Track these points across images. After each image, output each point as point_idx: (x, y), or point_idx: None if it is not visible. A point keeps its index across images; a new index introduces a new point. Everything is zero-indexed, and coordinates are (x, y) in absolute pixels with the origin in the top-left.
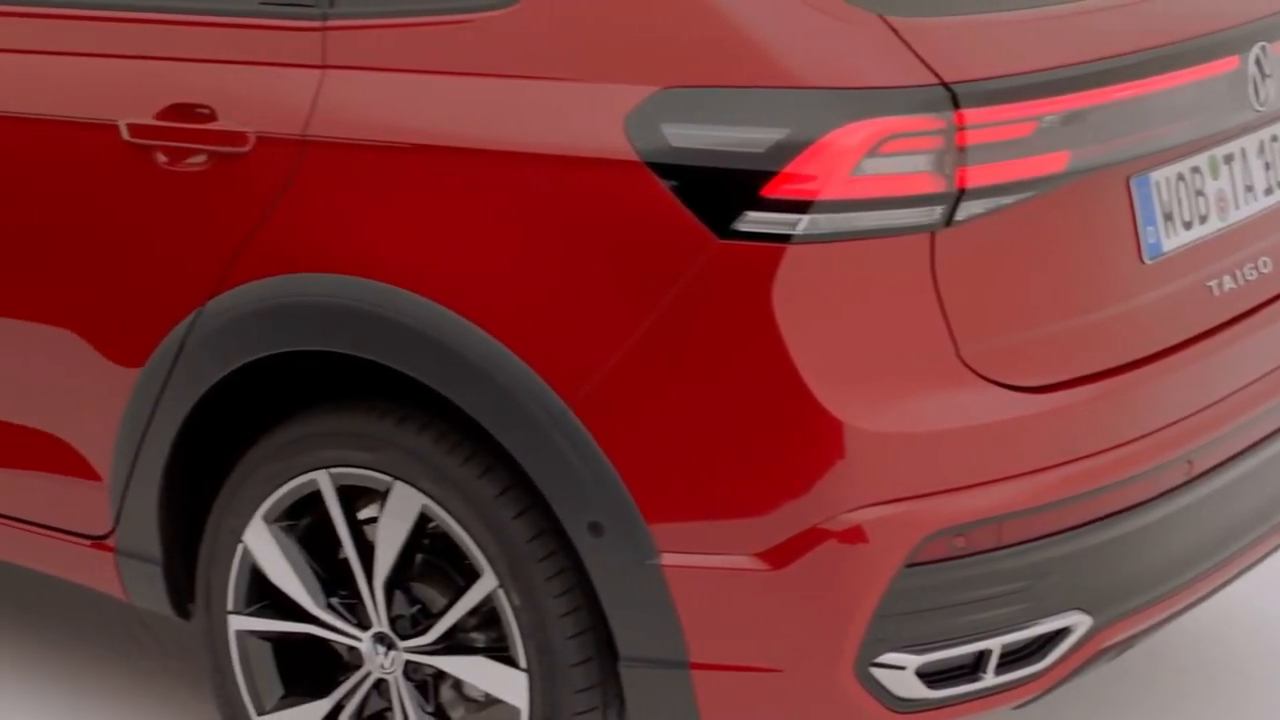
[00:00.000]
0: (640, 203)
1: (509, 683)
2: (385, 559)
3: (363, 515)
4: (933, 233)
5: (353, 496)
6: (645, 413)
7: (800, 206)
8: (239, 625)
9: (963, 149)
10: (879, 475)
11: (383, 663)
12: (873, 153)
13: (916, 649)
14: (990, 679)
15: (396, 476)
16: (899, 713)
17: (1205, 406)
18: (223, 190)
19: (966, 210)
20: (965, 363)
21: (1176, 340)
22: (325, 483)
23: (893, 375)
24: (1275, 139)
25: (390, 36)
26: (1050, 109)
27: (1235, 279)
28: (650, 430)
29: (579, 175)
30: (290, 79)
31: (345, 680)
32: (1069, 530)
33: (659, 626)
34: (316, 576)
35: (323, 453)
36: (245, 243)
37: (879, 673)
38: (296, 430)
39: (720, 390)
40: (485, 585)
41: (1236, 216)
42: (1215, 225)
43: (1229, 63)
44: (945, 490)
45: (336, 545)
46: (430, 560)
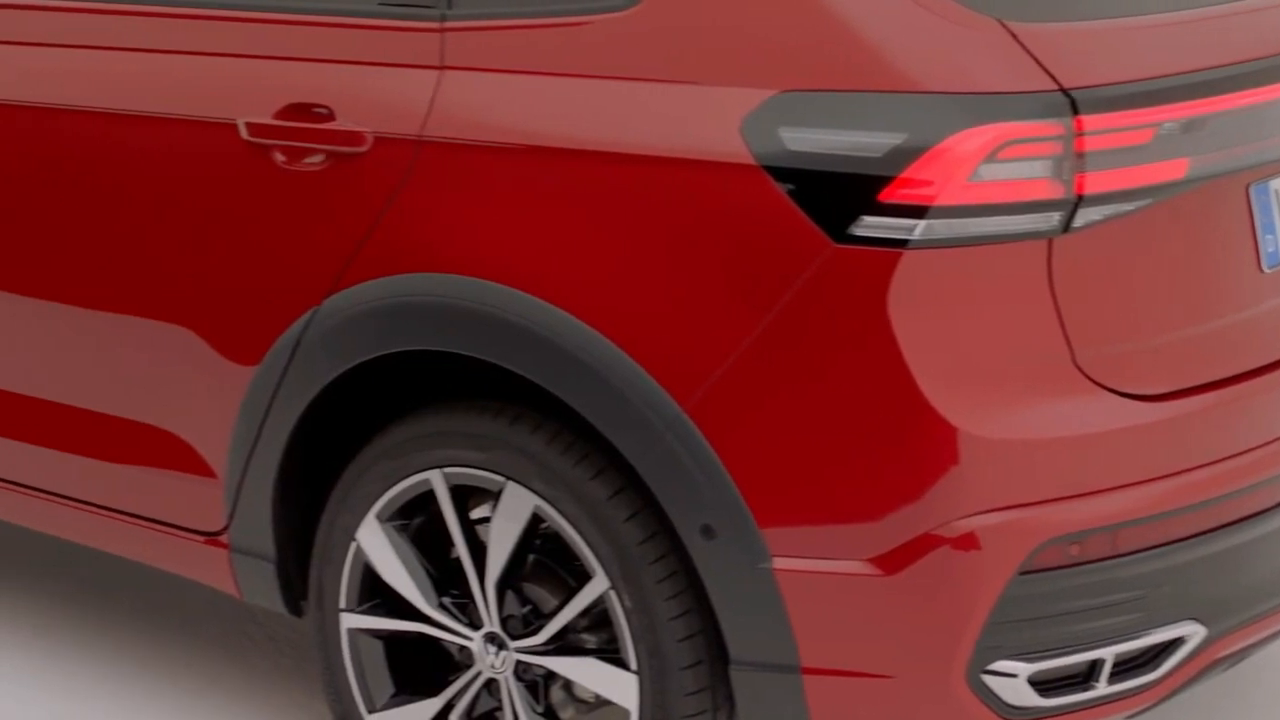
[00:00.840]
0: (756, 206)
1: (619, 684)
2: (497, 559)
3: (475, 515)
4: (1050, 239)
5: (465, 496)
6: (758, 416)
7: (917, 212)
8: (351, 623)
9: (1081, 155)
10: (993, 482)
11: (493, 662)
12: (991, 158)
13: (1029, 657)
14: (1103, 688)
15: (509, 477)
16: None
17: None
18: (340, 190)
19: (1084, 217)
20: (1081, 370)
21: None
22: (438, 482)
23: (1009, 382)
24: None
25: (508, 38)
26: (1170, 116)
27: None
28: (763, 434)
29: (695, 178)
30: (408, 79)
31: (456, 679)
32: (1185, 539)
33: (770, 630)
34: (428, 576)
35: (436, 452)
36: (361, 242)
37: (991, 680)
38: (411, 429)
39: (834, 395)
40: (597, 587)
41: None
42: None
43: None
44: (1060, 498)
45: (448, 545)
46: (542, 561)
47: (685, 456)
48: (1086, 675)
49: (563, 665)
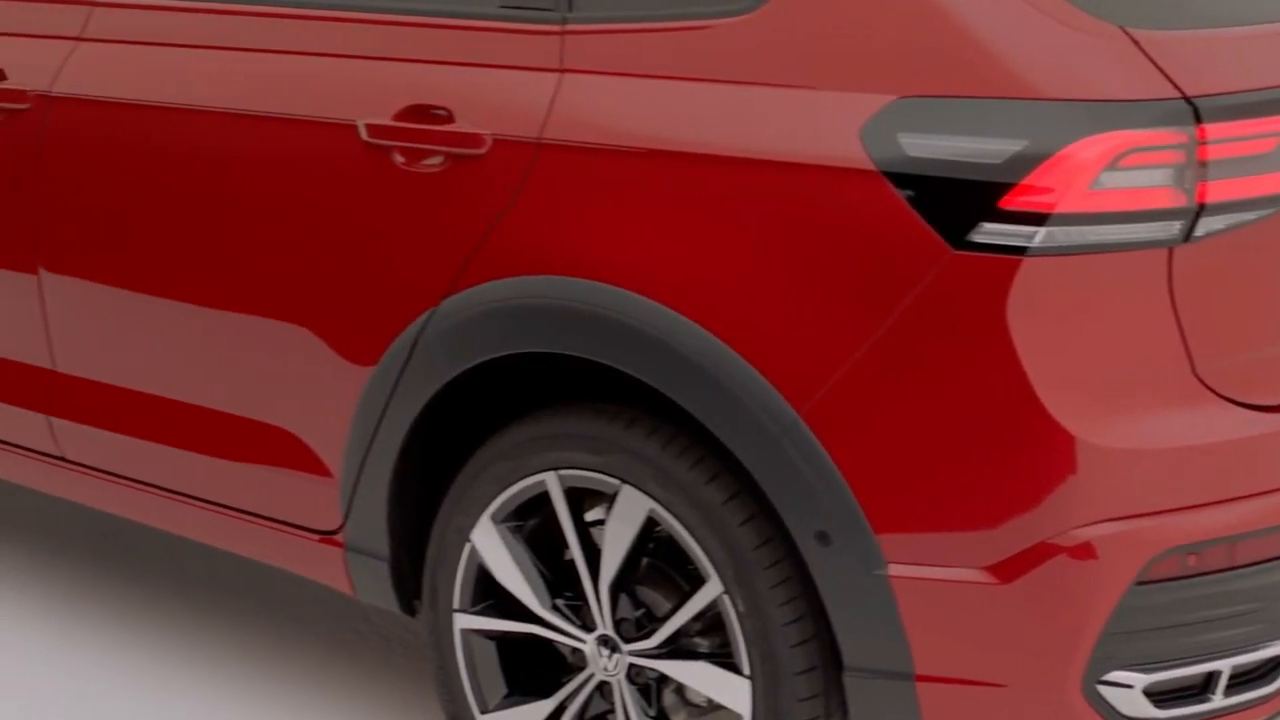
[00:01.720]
0: (875, 212)
1: (732, 689)
2: (611, 562)
3: (589, 517)
4: (1171, 248)
5: (580, 498)
6: (875, 422)
7: (1037, 219)
8: (464, 623)
9: (1204, 164)
10: (1111, 491)
11: (606, 665)
12: (1112, 166)
13: (1145, 667)
14: (1219, 700)
15: (624, 480)
16: None
17: None
18: (458, 191)
19: (1206, 226)
20: (1201, 380)
21: None
22: (553, 484)
23: (1127, 391)
24: None
25: (628, 41)
26: None
27: None
28: (880, 440)
29: (813, 183)
30: (528, 82)
31: (568, 681)
32: None
33: (885, 637)
34: (542, 577)
35: (552, 454)
36: (479, 244)
37: (1106, 690)
38: (527, 431)
39: (952, 402)
40: (710, 591)
41: None
42: None
43: None
44: (1178, 508)
45: (562, 547)
46: (655, 564)
47: (801, 462)
48: (1203, 687)
49: (675, 669)
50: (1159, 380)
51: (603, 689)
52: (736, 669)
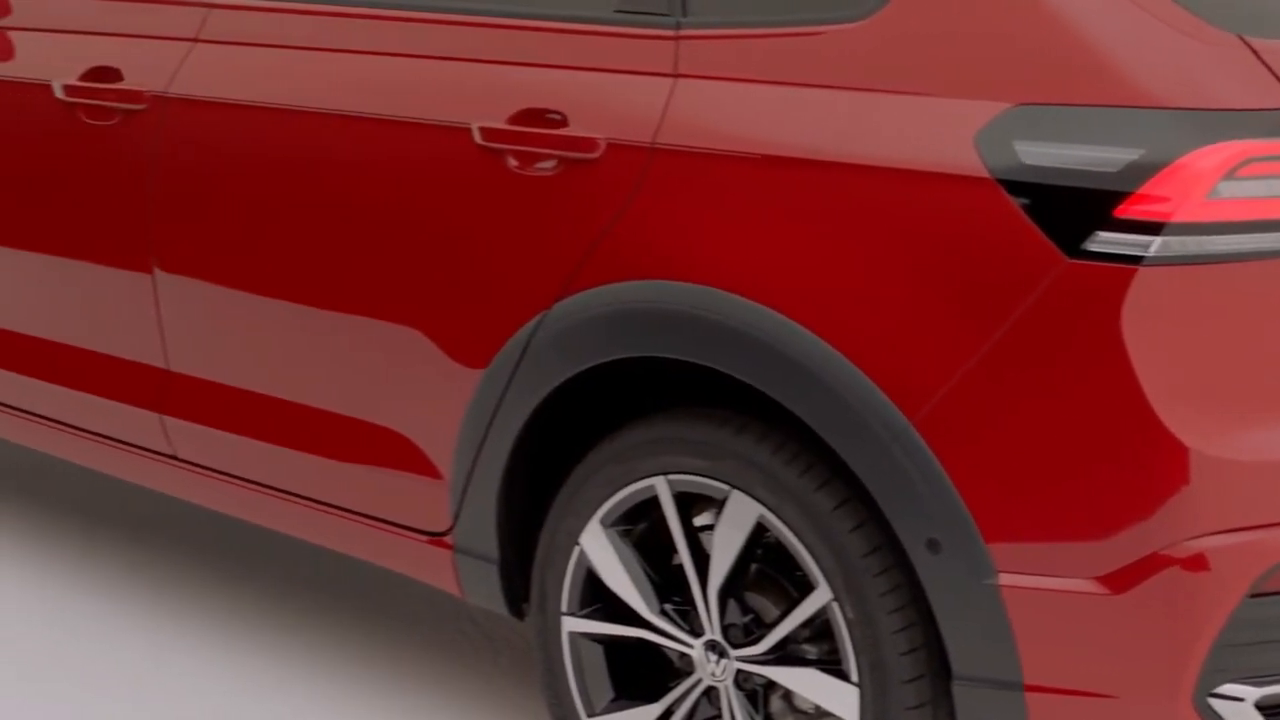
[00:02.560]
0: (989, 219)
1: (840, 696)
2: (720, 567)
3: (698, 522)
4: None
5: (689, 503)
6: (987, 431)
7: (1153, 228)
8: (572, 627)
9: None
10: (1224, 503)
11: (714, 670)
12: (1230, 176)
13: (1257, 680)
14: None
15: (734, 485)
16: None
17: None
18: (571, 195)
19: None
20: None
21: None
22: (663, 489)
23: (1242, 402)
24: None
25: (742, 47)
26: None
27: None
28: (991, 448)
29: (927, 190)
30: (641, 87)
31: (676, 686)
32: None
33: (994, 646)
34: (650, 582)
35: (662, 459)
36: (592, 248)
37: (1217, 703)
38: (637, 435)
39: (1064, 411)
40: (819, 598)
41: None
42: None
43: None
44: None
45: (671, 551)
46: (764, 570)
47: (912, 469)
48: None
49: (783, 675)
50: (1273, 391)
51: (710, 694)
52: (844, 676)
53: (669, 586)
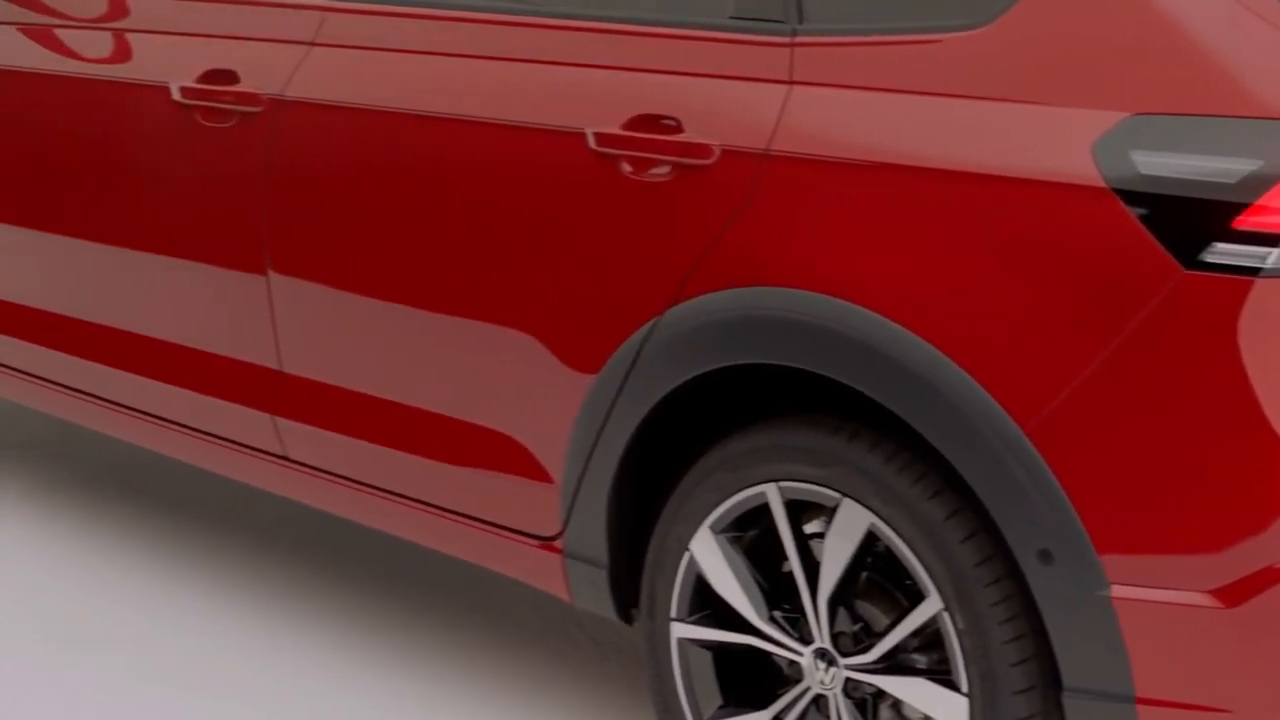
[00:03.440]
0: (1105, 229)
1: (949, 706)
2: (830, 575)
3: (807, 530)
4: None
5: (799, 510)
6: (1100, 442)
7: (1271, 240)
8: (681, 633)
9: None
10: None
11: (823, 678)
12: None
13: None
14: None
15: (845, 494)
16: None
17: None
18: (685, 202)
19: None
20: None
21: None
22: (774, 496)
23: None
24: None
25: (857, 54)
26: None
27: None
28: (1105, 460)
29: (1043, 199)
30: (756, 93)
31: (784, 694)
32: None
33: (1106, 659)
34: (760, 589)
35: (774, 466)
36: (705, 254)
37: None
38: (749, 442)
39: (1179, 423)
40: (930, 607)
41: None
42: None
43: None
44: None
45: (780, 558)
46: (874, 578)
47: (1025, 479)
48: None
49: (892, 684)
50: None
51: (818, 702)
52: (954, 686)
53: (778, 593)
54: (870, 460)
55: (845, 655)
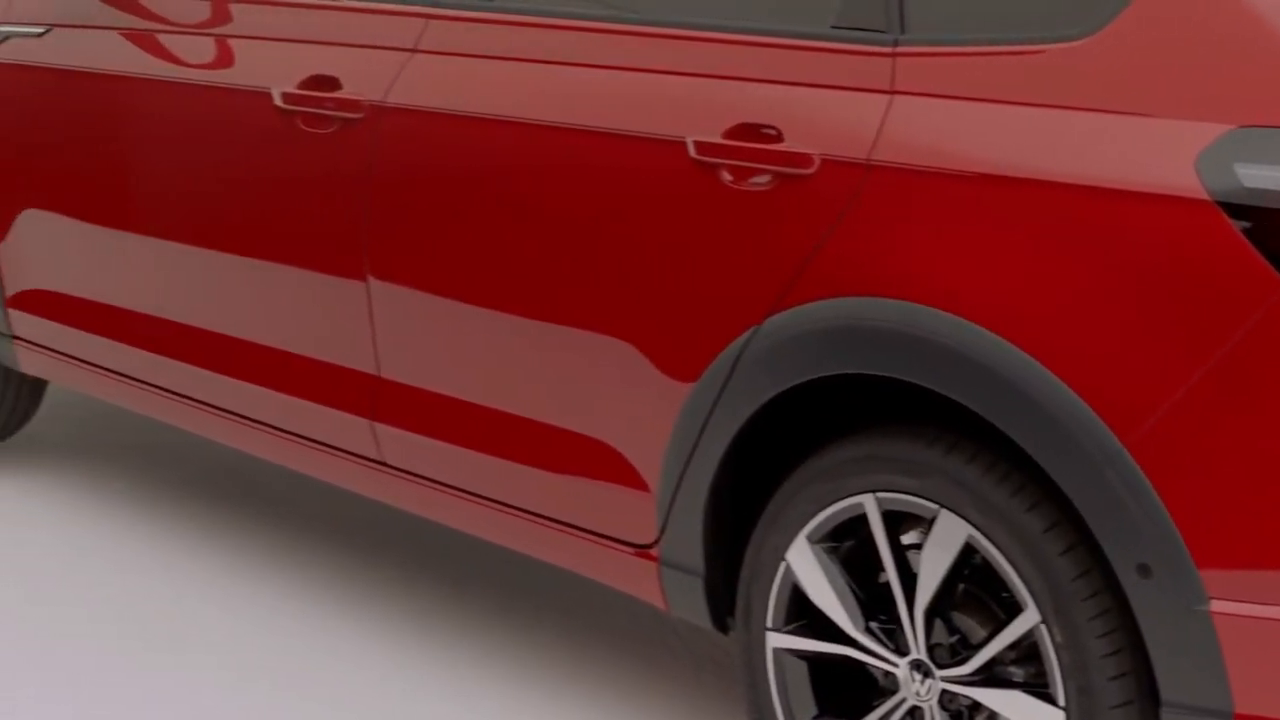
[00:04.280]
0: (1208, 242)
1: None
2: (927, 587)
3: (904, 541)
4: None
5: (896, 521)
6: (1201, 455)
7: None
8: (777, 642)
9: None
10: None
11: (919, 690)
12: None
13: None
14: None
15: (943, 505)
16: None
17: None
18: (786, 211)
19: None
20: None
21: None
22: (871, 506)
23: None
24: None
25: (960, 65)
26: None
27: None
28: (1206, 474)
29: (1145, 211)
30: (857, 103)
31: (880, 705)
32: None
33: (1205, 674)
34: (856, 599)
35: (871, 476)
36: (805, 264)
37: None
38: (847, 453)
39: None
40: (1027, 620)
41: None
42: None
43: None
44: None
45: (877, 569)
46: (971, 590)
47: (1125, 492)
48: None
49: (988, 697)
50: None
51: (914, 714)
52: (1051, 700)
53: (874, 604)
54: (968, 472)
55: (941, 667)
